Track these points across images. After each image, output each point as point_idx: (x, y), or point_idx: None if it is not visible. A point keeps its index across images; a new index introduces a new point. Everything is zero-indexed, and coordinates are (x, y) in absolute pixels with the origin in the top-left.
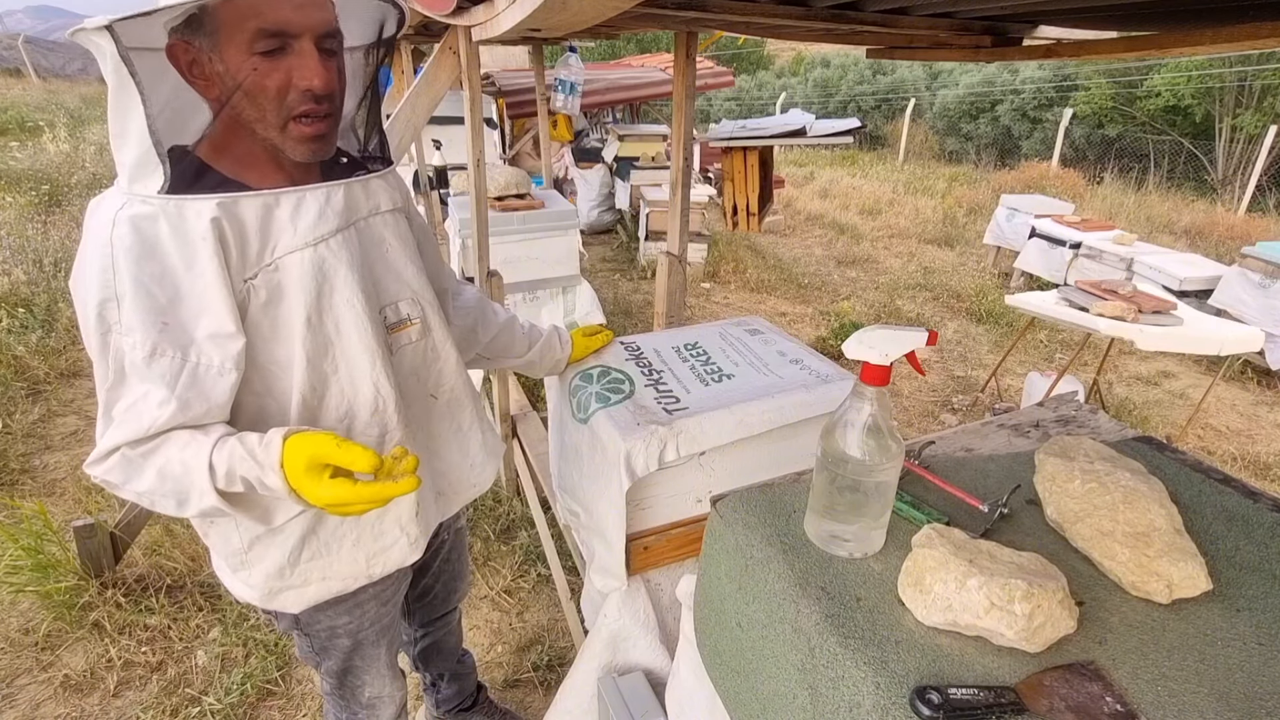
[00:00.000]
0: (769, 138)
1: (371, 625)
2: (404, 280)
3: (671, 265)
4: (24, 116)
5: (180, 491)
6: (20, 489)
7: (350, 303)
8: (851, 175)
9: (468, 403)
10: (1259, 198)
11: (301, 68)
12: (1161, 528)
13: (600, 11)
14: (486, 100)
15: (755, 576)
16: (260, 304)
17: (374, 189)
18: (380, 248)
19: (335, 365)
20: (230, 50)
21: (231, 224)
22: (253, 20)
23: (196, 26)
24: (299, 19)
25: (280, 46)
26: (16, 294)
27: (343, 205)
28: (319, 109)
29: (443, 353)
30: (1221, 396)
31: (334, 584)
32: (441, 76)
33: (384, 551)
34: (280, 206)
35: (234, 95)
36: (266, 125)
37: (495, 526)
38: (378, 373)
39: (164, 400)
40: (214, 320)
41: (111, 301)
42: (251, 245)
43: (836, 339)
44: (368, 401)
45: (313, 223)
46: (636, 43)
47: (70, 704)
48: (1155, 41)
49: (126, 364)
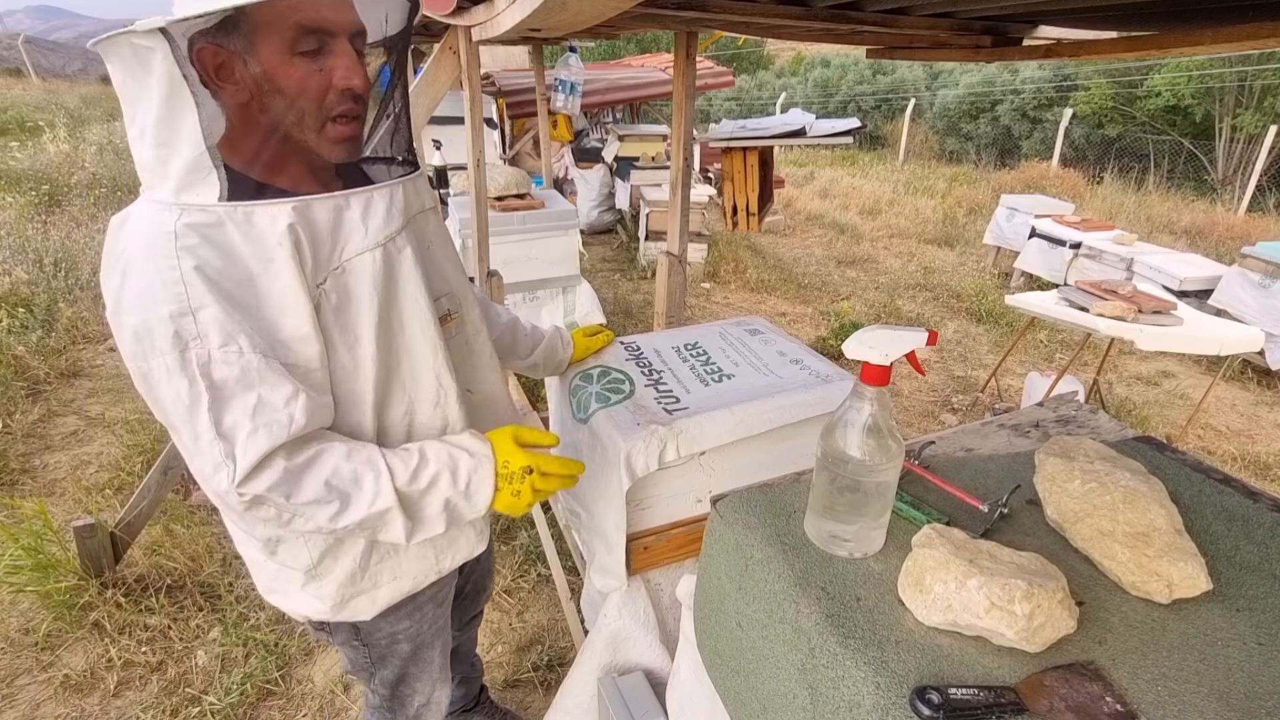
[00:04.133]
0: (769, 138)
1: (430, 627)
2: (444, 275)
3: (671, 265)
4: (24, 116)
5: (345, 498)
6: (20, 489)
7: (415, 298)
8: (851, 175)
9: (503, 398)
10: (1259, 198)
11: (341, 67)
12: (1161, 528)
13: (600, 11)
14: (486, 100)
15: (755, 576)
16: (331, 308)
17: (420, 187)
18: (425, 244)
19: (398, 361)
20: (268, 51)
21: (305, 228)
22: (294, 18)
23: (231, 28)
24: (337, 18)
25: (320, 47)
26: (16, 294)
27: (404, 204)
28: (356, 109)
29: (476, 346)
30: (1221, 396)
31: (404, 583)
32: (441, 76)
33: (452, 545)
34: (351, 208)
35: (270, 98)
36: (304, 127)
37: (495, 526)
38: (439, 364)
39: (292, 394)
40: (295, 321)
41: (187, 315)
42: (324, 248)
43: (836, 339)
44: (429, 394)
45: (382, 222)
46: (636, 43)
47: (70, 704)
48: (1155, 41)
49: (226, 374)
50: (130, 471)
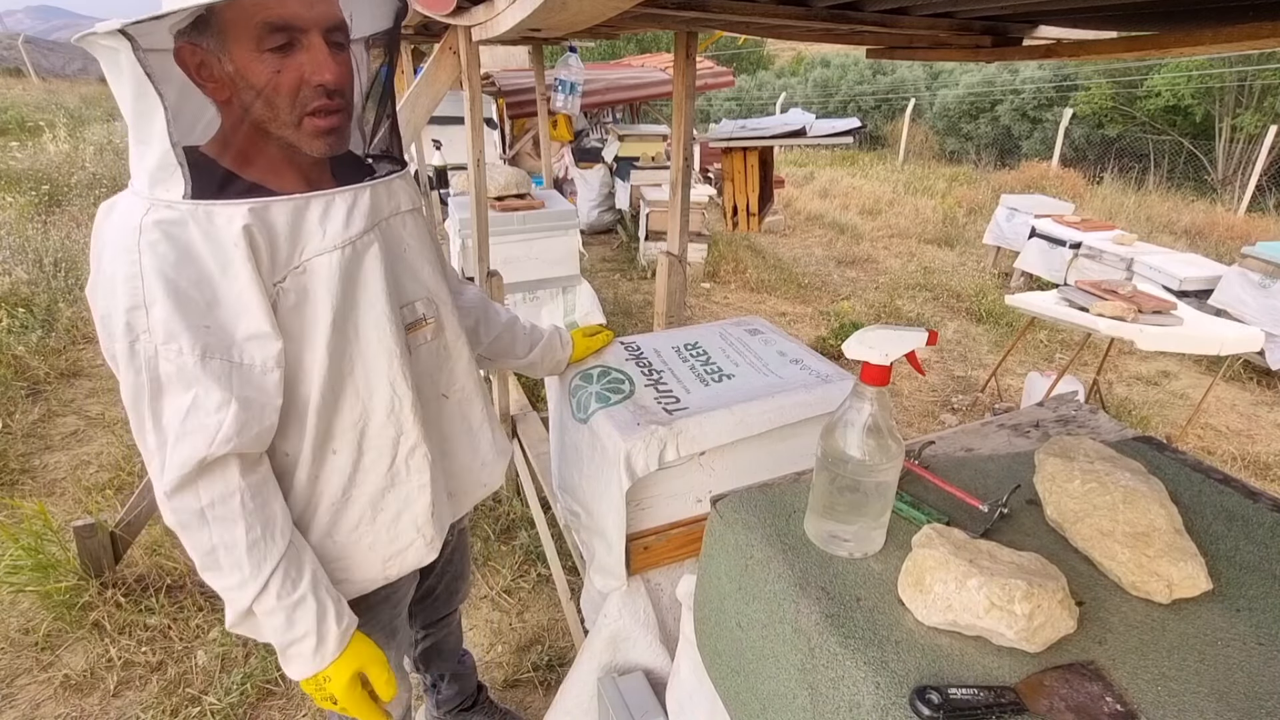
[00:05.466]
0: (769, 138)
1: (384, 629)
2: (420, 279)
3: (671, 265)
4: (24, 116)
5: (217, 567)
6: (20, 489)
7: (373, 303)
8: (851, 175)
9: (478, 402)
10: (1259, 198)
11: (312, 62)
12: (1161, 528)
13: (600, 11)
14: (486, 100)
15: (755, 576)
16: (289, 307)
17: (396, 189)
18: (400, 247)
19: (352, 365)
20: (238, 49)
21: (262, 229)
22: (259, 16)
23: (203, 27)
24: (306, 13)
25: (289, 42)
26: (16, 294)
27: (369, 207)
28: (331, 104)
29: (454, 351)
30: (1221, 396)
31: (350, 586)
32: (441, 76)
33: (400, 553)
34: (310, 210)
35: (246, 95)
36: (280, 123)
37: (495, 526)
38: (394, 372)
39: (223, 401)
40: (252, 322)
41: (139, 309)
42: (282, 249)
43: (836, 339)
44: (384, 402)
45: (341, 226)
46: (636, 43)
47: (70, 704)
48: (1155, 41)
49: (166, 371)
50: (130, 471)
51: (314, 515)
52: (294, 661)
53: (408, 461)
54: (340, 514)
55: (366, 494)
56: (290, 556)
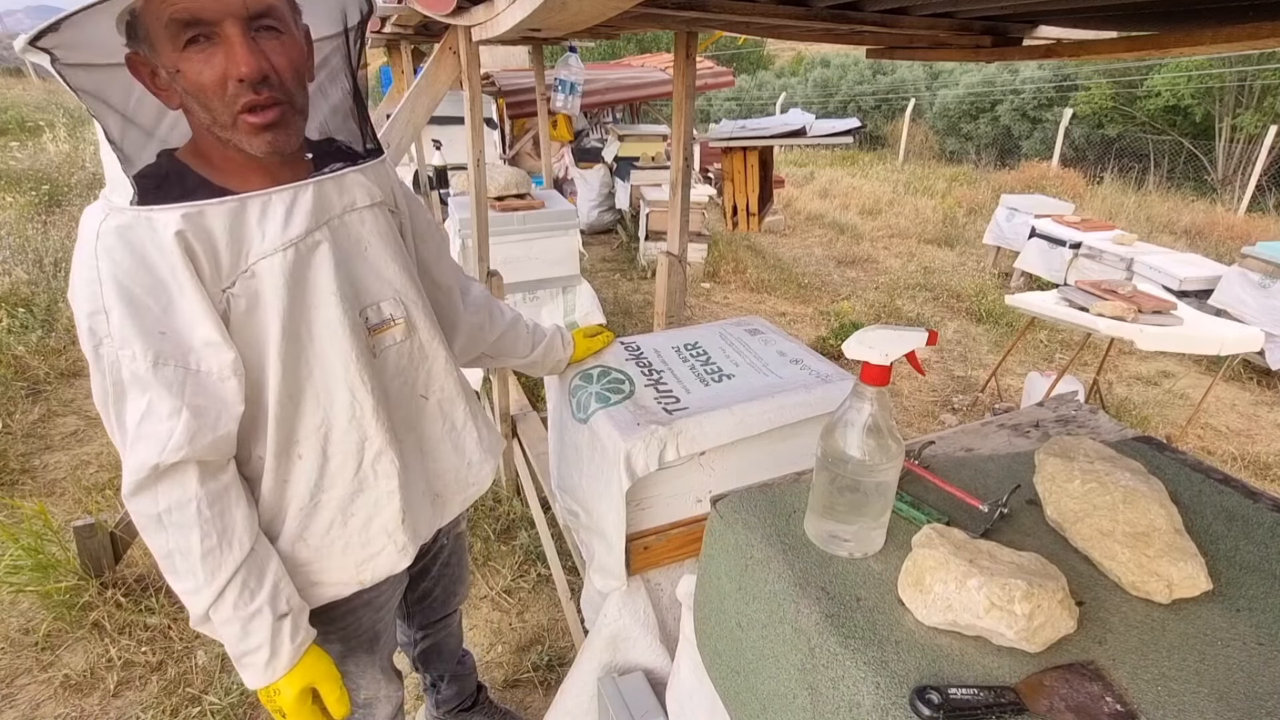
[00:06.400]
0: (769, 138)
1: (364, 632)
2: (385, 279)
3: (671, 265)
4: (24, 116)
5: (174, 572)
6: (20, 489)
7: (324, 305)
8: (851, 175)
9: (461, 401)
10: (1259, 198)
11: (228, 55)
12: (1161, 528)
13: (600, 11)
14: (486, 100)
15: (755, 576)
16: (242, 312)
17: (348, 185)
18: (358, 246)
19: (310, 370)
20: (164, 51)
21: (198, 235)
22: (166, 13)
23: (133, 34)
24: (212, 4)
25: (204, 36)
26: (16, 294)
27: (312, 205)
28: (260, 98)
29: (430, 352)
30: (1221, 396)
31: (326, 590)
32: (441, 76)
33: (372, 559)
34: (248, 211)
35: (186, 99)
36: (219, 125)
37: (495, 526)
38: (352, 377)
39: (174, 409)
40: (203, 330)
41: (100, 314)
42: (223, 254)
43: (836, 339)
44: (344, 407)
45: (280, 227)
46: (636, 43)
47: (70, 704)
48: (1155, 41)
49: (125, 375)
50: None
51: (285, 518)
52: (247, 670)
53: (374, 466)
54: (311, 518)
55: (335, 498)
56: (250, 566)
